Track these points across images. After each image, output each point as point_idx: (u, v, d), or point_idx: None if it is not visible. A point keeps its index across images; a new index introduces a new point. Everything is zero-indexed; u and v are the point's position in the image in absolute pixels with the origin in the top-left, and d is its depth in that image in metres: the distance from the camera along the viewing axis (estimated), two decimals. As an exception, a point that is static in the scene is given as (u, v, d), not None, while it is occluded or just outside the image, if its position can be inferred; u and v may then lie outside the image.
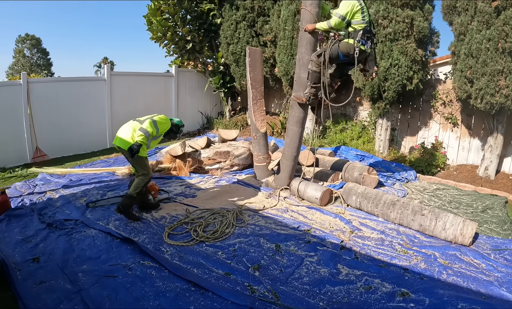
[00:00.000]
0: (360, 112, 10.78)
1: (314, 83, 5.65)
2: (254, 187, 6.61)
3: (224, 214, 5.13)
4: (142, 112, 11.28)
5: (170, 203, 5.77)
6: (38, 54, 50.13)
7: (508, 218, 5.50)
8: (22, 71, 9.34)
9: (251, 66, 6.68)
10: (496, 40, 6.76)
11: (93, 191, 6.30)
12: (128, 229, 4.73)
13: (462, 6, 7.43)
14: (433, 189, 6.88)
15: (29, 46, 48.99)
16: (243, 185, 6.73)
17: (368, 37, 5.18)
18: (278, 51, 10.34)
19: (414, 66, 8.10)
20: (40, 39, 50.27)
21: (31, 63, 48.17)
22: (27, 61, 48.04)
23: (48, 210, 5.35)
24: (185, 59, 13.00)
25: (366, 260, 4.02)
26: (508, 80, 6.74)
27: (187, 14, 12.31)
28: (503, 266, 3.92)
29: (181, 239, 4.46)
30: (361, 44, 5.13)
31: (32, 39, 49.02)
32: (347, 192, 5.81)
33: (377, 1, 8.05)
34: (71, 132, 9.61)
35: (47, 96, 9.10)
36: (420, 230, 4.80)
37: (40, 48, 50.25)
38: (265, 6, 11.15)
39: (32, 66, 47.48)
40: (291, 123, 6.21)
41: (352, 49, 5.16)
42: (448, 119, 8.84)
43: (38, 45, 49.82)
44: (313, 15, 5.69)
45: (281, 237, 4.50)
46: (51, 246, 4.26)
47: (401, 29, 7.88)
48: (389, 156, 9.12)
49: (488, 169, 7.75)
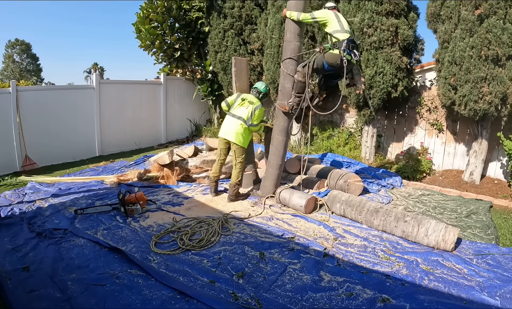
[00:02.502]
0: (346, 119, 10.88)
1: (298, 93, 5.76)
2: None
3: (210, 222, 5.16)
4: (131, 120, 11.50)
5: (158, 212, 5.80)
6: (27, 60, 49.98)
7: (492, 222, 5.57)
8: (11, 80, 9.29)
9: (237, 76, 6.74)
10: (479, 47, 6.89)
11: (82, 200, 6.32)
12: (116, 238, 4.75)
13: (446, 14, 7.56)
14: (418, 195, 6.95)
15: (18, 51, 48.82)
16: (230, 193, 6.78)
17: (352, 47, 5.31)
18: (265, 59, 10.43)
19: (399, 74, 8.22)
20: (30, 45, 50.26)
21: (20, 69, 48.00)
22: (17, 67, 47.87)
23: (37, 219, 5.36)
24: (173, 67, 13.07)
25: (348, 267, 4.06)
26: (491, 86, 6.87)
27: (175, 22, 12.39)
28: (485, 270, 3.97)
29: (167, 248, 4.49)
30: (347, 53, 5.25)
31: (22, 45, 48.87)
32: (331, 199, 5.86)
33: (362, 10, 8.15)
34: (60, 141, 9.63)
35: (36, 104, 9.12)
36: (403, 237, 4.85)
37: (30, 53, 50.12)
38: (253, 15, 11.24)
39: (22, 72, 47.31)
40: (276, 132, 6.29)
41: (338, 59, 5.29)
42: (434, 125, 8.96)
43: (28, 51, 49.68)
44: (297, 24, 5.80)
45: (265, 245, 4.55)
46: (40, 255, 4.27)
47: (386, 37, 7.99)
48: (375, 162, 9.22)
49: (473, 174, 7.87)
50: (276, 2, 9.88)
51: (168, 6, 11.83)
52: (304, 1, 5.86)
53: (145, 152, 11.21)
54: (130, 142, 11.67)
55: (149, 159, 9.15)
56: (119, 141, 11.36)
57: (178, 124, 13.33)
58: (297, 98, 5.82)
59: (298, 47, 5.89)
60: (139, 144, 11.90)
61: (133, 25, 12.28)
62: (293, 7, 5.79)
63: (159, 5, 11.72)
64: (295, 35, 5.84)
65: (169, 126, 13.01)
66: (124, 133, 11.52)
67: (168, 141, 12.94)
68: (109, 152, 10.92)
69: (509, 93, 6.81)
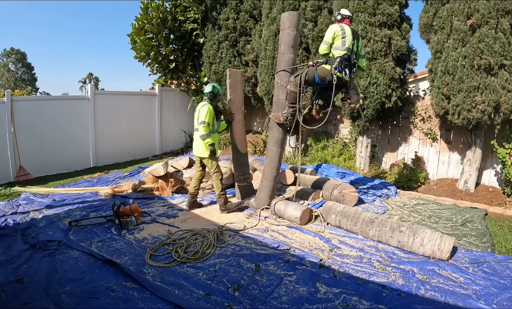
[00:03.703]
0: (341, 130, 10.93)
1: (291, 103, 5.81)
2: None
3: (205, 234, 5.14)
4: (126, 131, 11.47)
5: (153, 224, 5.77)
6: (23, 69, 49.80)
7: (487, 230, 5.60)
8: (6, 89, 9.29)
9: (231, 88, 6.75)
10: (472, 57, 6.98)
11: (76, 212, 6.29)
12: (110, 251, 4.72)
13: (439, 25, 7.65)
14: (413, 204, 6.98)
15: (14, 60, 48.65)
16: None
17: (345, 65, 5.35)
18: (260, 71, 10.49)
19: (393, 84, 8.30)
20: (25, 54, 50.08)
21: (15, 78, 47.82)
22: (12, 76, 47.68)
23: (31, 231, 5.34)
24: (168, 78, 13.13)
25: (344, 278, 4.05)
26: (484, 95, 6.94)
27: (170, 33, 12.49)
28: (481, 279, 3.98)
29: (162, 260, 4.47)
30: (338, 71, 5.30)
31: (17, 54, 48.73)
32: (326, 210, 5.87)
33: (356, 21, 8.23)
34: (54, 151, 9.64)
35: (31, 114, 9.15)
36: (398, 247, 4.86)
37: (25, 62, 49.94)
38: (247, 26, 11.34)
39: (17, 81, 47.18)
40: (271, 143, 6.32)
41: (329, 75, 5.36)
42: (428, 135, 9.01)
43: (23, 60, 49.50)
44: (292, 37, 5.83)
45: (260, 257, 4.53)
46: (34, 267, 4.25)
47: (379, 48, 8.08)
48: (370, 172, 9.24)
49: (468, 182, 7.90)
50: (270, 14, 9.96)
51: (163, 17, 11.93)
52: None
53: (140, 163, 11.19)
54: (125, 153, 11.66)
55: (143, 171, 9.12)
56: (114, 152, 11.35)
57: (173, 135, 13.32)
58: (290, 108, 5.85)
59: (292, 59, 5.94)
60: (133, 155, 11.89)
61: (128, 36, 12.36)
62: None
63: (154, 17, 11.81)
64: (289, 47, 5.88)
65: (163, 137, 13.01)
66: (119, 144, 11.51)
67: (163, 152, 12.92)
68: (104, 163, 10.91)
69: (502, 101, 6.88)
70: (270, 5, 10.02)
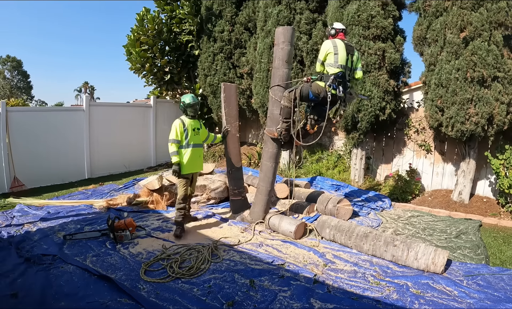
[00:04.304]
0: (335, 142, 10.99)
1: (285, 118, 5.82)
2: (229, 221, 6.63)
3: (199, 249, 5.13)
4: (121, 142, 11.46)
5: (147, 238, 5.75)
6: (18, 77, 49.78)
7: (481, 242, 5.63)
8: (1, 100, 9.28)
9: (226, 102, 6.78)
10: (465, 69, 7.05)
11: (71, 225, 6.26)
12: (105, 266, 4.70)
13: (432, 38, 7.73)
14: (407, 217, 6.99)
15: (9, 68, 48.63)
16: (219, 219, 6.76)
17: (339, 82, 5.39)
18: (255, 83, 10.53)
19: (387, 97, 8.36)
20: (21, 61, 50.06)
21: (11, 85, 47.81)
22: (7, 83, 47.66)
23: (25, 244, 5.31)
24: (163, 90, 13.18)
25: (339, 293, 4.05)
26: (478, 107, 7.01)
27: (165, 45, 12.54)
28: (475, 292, 3.99)
29: (157, 276, 4.45)
30: (332, 88, 5.35)
31: (13, 61, 48.71)
32: (321, 225, 5.87)
33: (350, 35, 8.30)
34: (49, 162, 9.63)
35: (26, 125, 9.15)
36: (393, 261, 4.87)
37: (20, 70, 49.92)
38: (242, 39, 11.41)
39: (12, 89, 47.18)
40: (265, 158, 6.32)
41: (323, 91, 5.39)
42: (422, 146, 9.06)
43: (18, 68, 49.51)
44: (286, 52, 5.87)
45: (255, 272, 4.52)
46: (29, 281, 4.23)
47: (373, 61, 8.15)
48: (364, 184, 9.27)
49: (462, 194, 7.94)
50: (265, 26, 10.03)
51: (159, 29, 11.98)
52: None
53: (135, 175, 11.16)
54: (120, 165, 11.64)
55: (138, 183, 9.10)
56: (109, 164, 11.33)
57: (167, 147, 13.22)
58: (284, 123, 5.87)
59: (286, 74, 5.96)
60: (128, 167, 11.87)
61: (124, 47, 12.38)
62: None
63: (149, 28, 11.86)
64: (283, 62, 5.91)
65: (158, 149, 12.99)
66: (114, 155, 11.50)
67: (157, 164, 12.91)
68: (99, 175, 10.89)
69: (495, 113, 6.95)
70: (265, 18, 10.08)
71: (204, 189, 7.78)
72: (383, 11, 8.20)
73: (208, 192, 7.73)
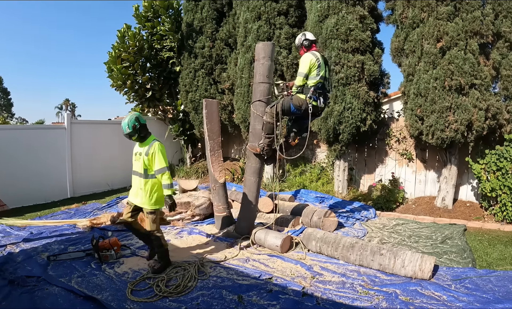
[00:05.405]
0: (318, 154, 11.05)
1: (268, 134, 5.82)
2: (215, 238, 6.56)
3: (185, 267, 5.05)
4: (103, 160, 11.31)
5: (133, 257, 5.66)
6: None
7: (467, 246, 5.69)
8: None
9: (208, 118, 6.78)
10: (443, 78, 7.20)
11: (55, 245, 6.12)
12: (91, 286, 4.59)
13: (410, 48, 7.88)
14: (392, 225, 7.05)
15: (-11, 85, 47.89)
16: (205, 236, 6.68)
17: (319, 93, 5.43)
18: (236, 99, 10.55)
19: (367, 108, 8.45)
20: (2, 78, 49.26)
21: (-9, 103, 47.02)
22: (-13, 101, 46.88)
23: (9, 266, 5.16)
24: (145, 106, 13.08)
25: (328, 305, 4.02)
26: (457, 115, 7.15)
27: (147, 62, 12.50)
28: (464, 295, 4.01)
29: (144, 295, 4.36)
30: (313, 100, 5.38)
31: (-7, 79, 47.94)
32: (306, 237, 5.86)
33: (329, 48, 8.40)
34: (31, 182, 9.47)
35: (6, 144, 9.02)
36: (380, 269, 4.88)
37: (1, 87, 49.08)
38: (223, 54, 11.47)
39: (-8, 106, 46.35)
40: (248, 173, 6.30)
41: (304, 104, 5.41)
42: (403, 155, 9.18)
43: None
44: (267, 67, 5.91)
45: (243, 288, 4.46)
46: (14, 304, 4.12)
47: (352, 73, 8.23)
48: (348, 195, 9.31)
49: (445, 199, 8.05)
50: (246, 42, 10.09)
51: (140, 46, 11.95)
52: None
53: (118, 193, 11.01)
54: (103, 183, 11.49)
55: (121, 201, 8.97)
56: (91, 182, 11.17)
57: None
58: (267, 139, 5.88)
59: (267, 88, 5.98)
60: (111, 185, 11.71)
61: (105, 64, 12.29)
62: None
63: (131, 45, 11.81)
64: (264, 77, 5.93)
65: (142, 166, 12.77)
66: (97, 174, 11.34)
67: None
68: (81, 194, 10.71)
69: (474, 119, 7.09)
70: (245, 33, 10.15)
71: (188, 206, 7.69)
72: (361, 24, 8.34)
73: (193, 208, 7.64)
